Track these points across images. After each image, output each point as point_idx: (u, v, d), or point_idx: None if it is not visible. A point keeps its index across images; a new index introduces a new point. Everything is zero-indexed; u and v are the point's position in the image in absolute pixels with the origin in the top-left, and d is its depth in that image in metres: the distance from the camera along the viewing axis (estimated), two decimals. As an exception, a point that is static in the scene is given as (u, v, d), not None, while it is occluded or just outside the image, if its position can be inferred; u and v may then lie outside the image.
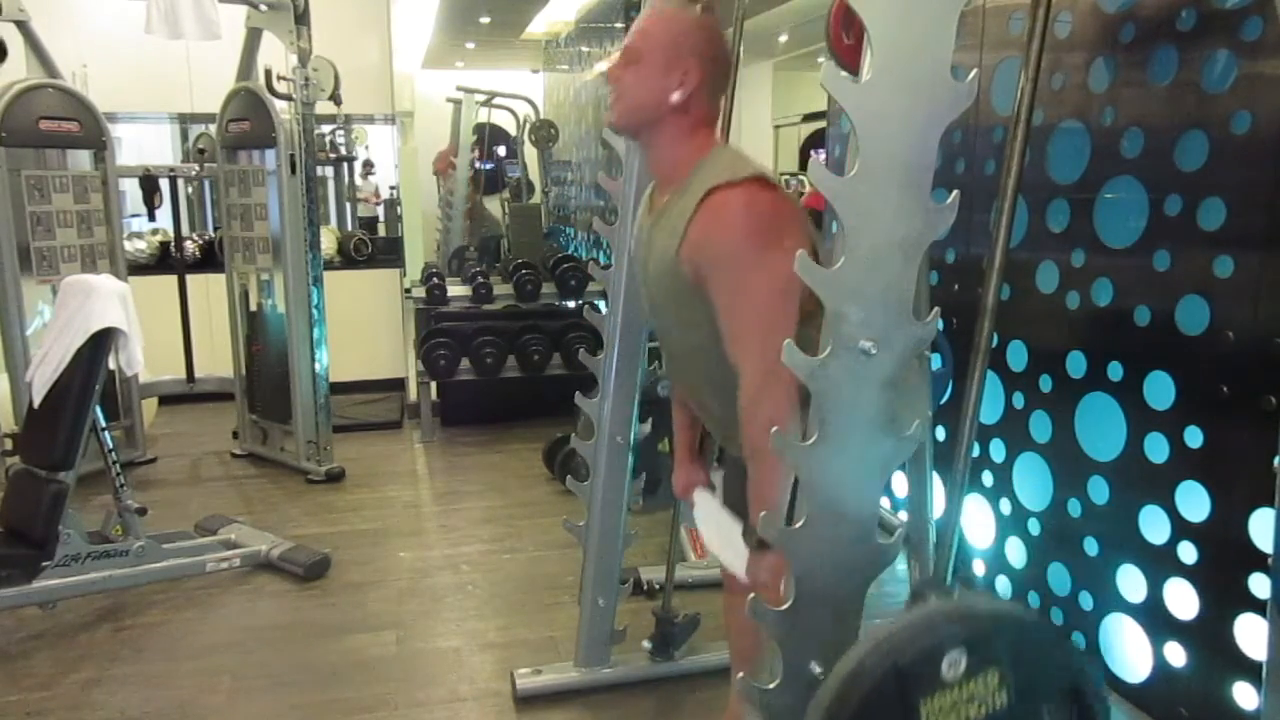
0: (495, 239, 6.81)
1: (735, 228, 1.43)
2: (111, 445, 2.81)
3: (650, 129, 1.57)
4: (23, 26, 3.84)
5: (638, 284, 1.78)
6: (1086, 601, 2.36)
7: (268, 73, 3.93)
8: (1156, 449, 2.11)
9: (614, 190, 2.19)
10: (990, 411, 2.68)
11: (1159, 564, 2.11)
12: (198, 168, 4.93)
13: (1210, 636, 1.99)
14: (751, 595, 1.27)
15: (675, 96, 1.52)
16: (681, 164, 1.55)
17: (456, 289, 4.87)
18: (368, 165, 6.96)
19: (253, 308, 4.45)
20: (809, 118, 8.41)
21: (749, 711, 1.30)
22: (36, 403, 2.67)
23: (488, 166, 6.97)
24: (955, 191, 1.13)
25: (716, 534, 1.75)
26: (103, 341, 2.65)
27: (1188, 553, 2.03)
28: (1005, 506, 2.67)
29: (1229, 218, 1.92)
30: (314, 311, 4.07)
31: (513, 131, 7.28)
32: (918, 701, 1.08)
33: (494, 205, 7.20)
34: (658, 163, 1.62)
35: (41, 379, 2.67)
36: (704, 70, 1.53)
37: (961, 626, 1.11)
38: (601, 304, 2.27)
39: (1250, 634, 1.89)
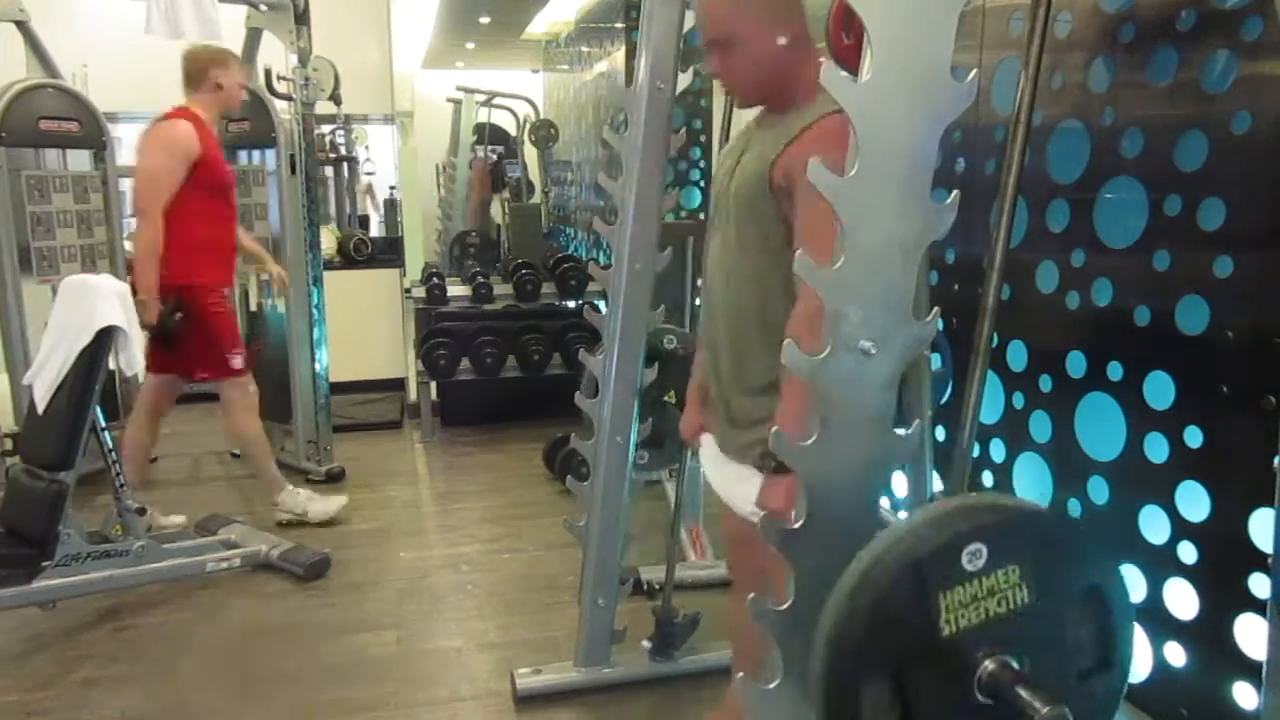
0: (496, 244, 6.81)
1: (836, 154, 1.45)
2: (111, 445, 2.80)
3: (776, 86, 1.62)
4: (23, 26, 3.84)
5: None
6: (1086, 601, 2.35)
7: (268, 73, 3.93)
8: (1156, 449, 2.10)
9: (614, 190, 2.19)
10: (990, 411, 2.68)
11: (1159, 564, 2.11)
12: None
13: (1210, 636, 1.99)
14: (751, 595, 1.27)
15: (781, 42, 1.58)
16: (804, 94, 1.59)
17: (456, 289, 4.87)
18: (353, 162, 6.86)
19: (253, 308, 4.45)
20: (809, 118, 8.38)
21: (749, 709, 1.29)
22: (41, 408, 2.67)
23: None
24: (955, 191, 1.13)
25: (723, 474, 1.76)
26: (103, 341, 2.65)
27: (1187, 553, 2.03)
28: (1005, 506, 2.67)
29: (1229, 218, 1.92)
30: (314, 311, 4.07)
31: (513, 131, 7.29)
32: (938, 594, 1.06)
33: (494, 205, 7.19)
34: (781, 102, 1.65)
35: (44, 383, 2.67)
36: (780, 6, 1.59)
37: (983, 520, 1.10)
38: (601, 304, 2.27)
39: (1250, 634, 1.89)
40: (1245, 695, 1.92)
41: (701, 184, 5.21)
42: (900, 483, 2.49)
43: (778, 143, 1.55)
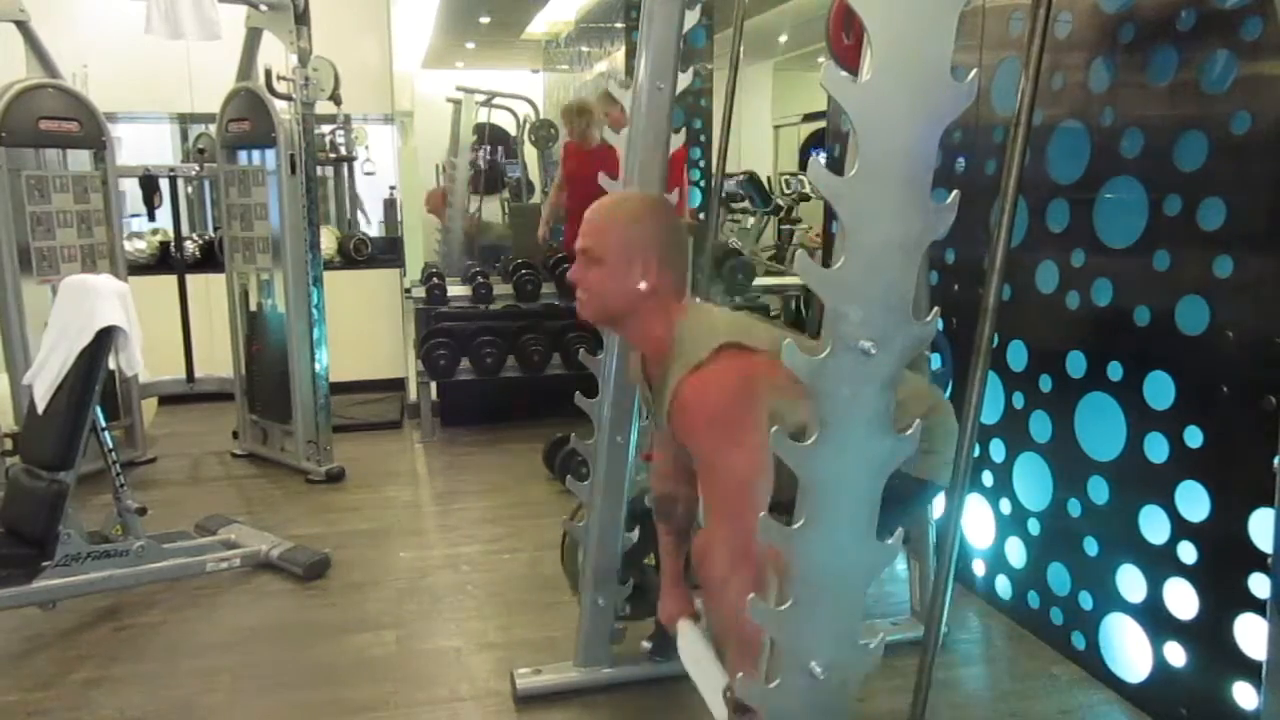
0: (499, 250, 6.79)
1: (702, 420, 1.54)
2: (111, 445, 2.80)
3: (624, 317, 1.70)
4: (23, 26, 3.84)
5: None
6: (1086, 601, 2.36)
7: (268, 73, 3.93)
8: (1156, 449, 2.11)
9: (613, 190, 2.19)
10: (990, 411, 2.68)
11: (1159, 564, 2.11)
12: (198, 168, 4.93)
13: (1210, 636, 1.99)
14: (751, 595, 1.27)
15: (642, 286, 1.64)
16: (662, 340, 1.66)
17: (456, 289, 4.87)
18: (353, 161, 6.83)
19: (253, 308, 4.45)
20: (809, 118, 8.40)
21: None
22: (41, 408, 2.67)
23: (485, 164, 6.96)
24: (955, 191, 1.13)
25: (699, 670, 1.79)
26: (103, 341, 2.65)
27: (1187, 552, 2.03)
28: (1005, 506, 2.67)
29: (1229, 218, 1.92)
30: (314, 311, 4.07)
31: (513, 131, 7.28)
32: None
33: (493, 206, 7.19)
34: (640, 343, 1.74)
35: (44, 383, 2.67)
36: (661, 252, 1.64)
37: None
38: (601, 304, 2.27)
39: (1250, 634, 1.89)
40: (1245, 695, 1.92)
41: (701, 184, 5.22)
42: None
43: (664, 407, 1.63)
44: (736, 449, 1.48)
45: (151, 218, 5.11)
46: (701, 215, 4.82)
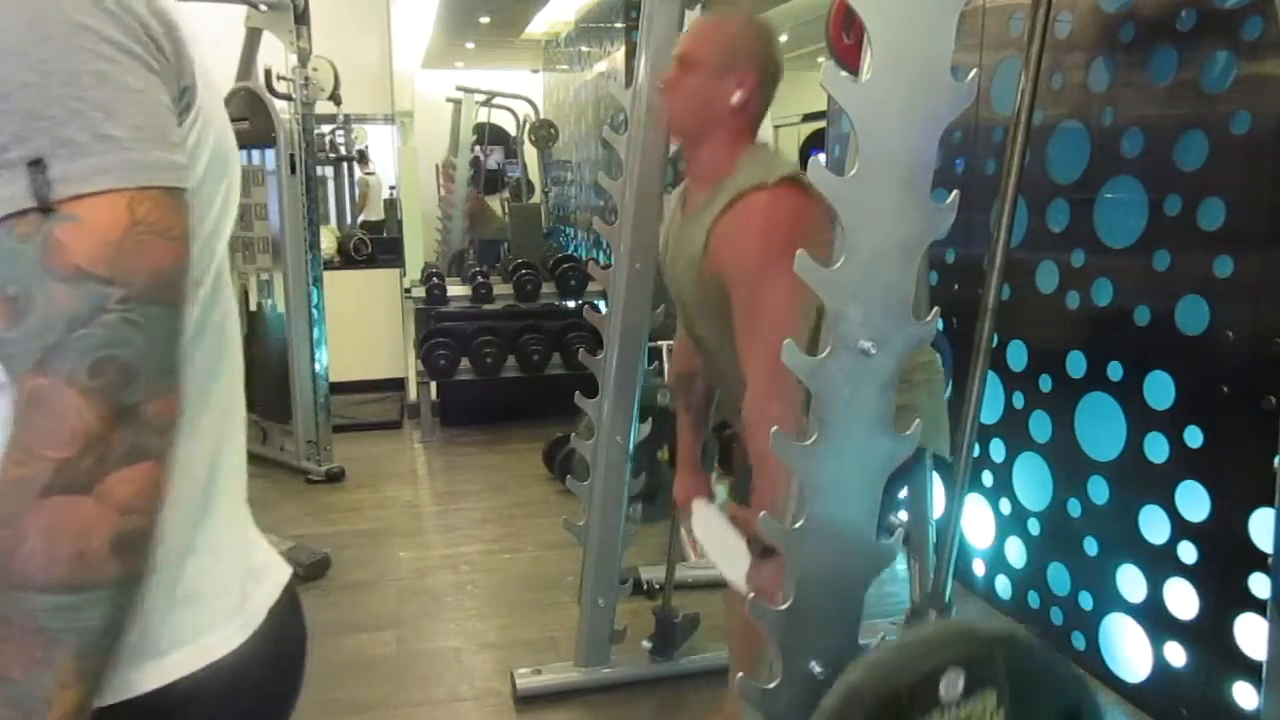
0: (498, 243, 6.79)
1: (756, 235, 1.45)
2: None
3: (705, 132, 1.60)
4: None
5: (664, 279, 1.80)
6: (1086, 601, 2.36)
7: (268, 73, 3.93)
8: (1156, 449, 2.11)
9: (614, 190, 2.19)
10: (990, 411, 2.68)
11: (1159, 564, 2.11)
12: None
13: (1210, 636, 1.99)
14: (752, 595, 1.27)
15: (735, 99, 1.56)
16: (724, 164, 1.58)
17: (456, 289, 4.87)
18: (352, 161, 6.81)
19: (253, 307, 4.45)
20: (809, 118, 8.39)
21: (747, 712, 1.29)
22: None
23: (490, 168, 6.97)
24: (955, 191, 1.13)
25: (715, 544, 1.76)
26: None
27: (1188, 552, 2.03)
28: (1005, 506, 2.67)
29: (1229, 218, 1.92)
30: (314, 311, 4.07)
31: (513, 131, 7.29)
32: None
33: (494, 205, 7.20)
34: (702, 164, 1.64)
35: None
36: (760, 72, 1.57)
37: (960, 647, 1.11)
38: (601, 304, 2.27)
39: (1250, 634, 1.89)
40: (1245, 695, 1.92)
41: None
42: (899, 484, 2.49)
43: (709, 220, 1.53)
44: (785, 271, 1.39)
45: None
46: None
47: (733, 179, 1.53)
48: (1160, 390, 2.10)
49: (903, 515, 2.58)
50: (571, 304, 5.04)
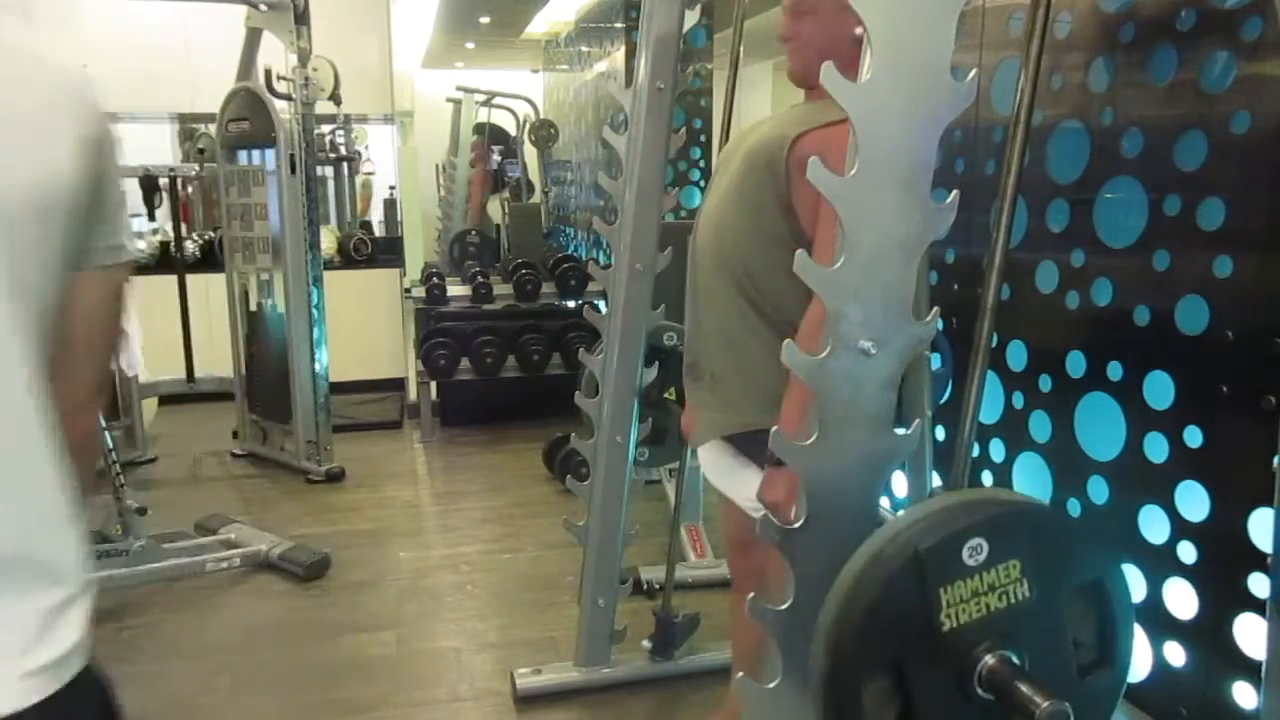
0: (495, 241, 6.80)
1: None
2: (111, 445, 2.81)
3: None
4: (23, 26, 3.83)
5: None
6: (1086, 601, 2.36)
7: (268, 73, 3.93)
8: (1156, 449, 2.10)
9: (614, 190, 2.19)
10: (990, 411, 2.68)
11: (1158, 564, 2.11)
12: (198, 167, 4.93)
13: (1210, 636, 1.99)
14: (751, 595, 1.27)
15: (859, 30, 1.55)
16: None
17: (456, 289, 4.87)
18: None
19: (253, 308, 4.45)
20: (809, 118, 8.39)
21: (747, 712, 1.30)
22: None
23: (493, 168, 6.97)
24: (955, 191, 1.13)
25: (721, 472, 1.75)
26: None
27: (1187, 552, 2.03)
28: (1005, 506, 2.67)
29: (1229, 218, 1.92)
30: (314, 311, 4.07)
31: (513, 131, 7.29)
32: (938, 589, 1.06)
33: (494, 205, 7.20)
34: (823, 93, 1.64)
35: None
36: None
37: (983, 514, 1.11)
38: (601, 304, 2.27)
39: (1250, 634, 1.89)
40: (1245, 695, 1.92)
41: (701, 184, 5.22)
42: (900, 482, 2.49)
43: (820, 116, 1.54)
44: None
45: (152, 218, 5.11)
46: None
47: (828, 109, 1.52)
48: (1160, 390, 2.10)
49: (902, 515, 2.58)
50: (571, 304, 5.04)
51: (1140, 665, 2.20)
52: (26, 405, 0.74)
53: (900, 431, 1.22)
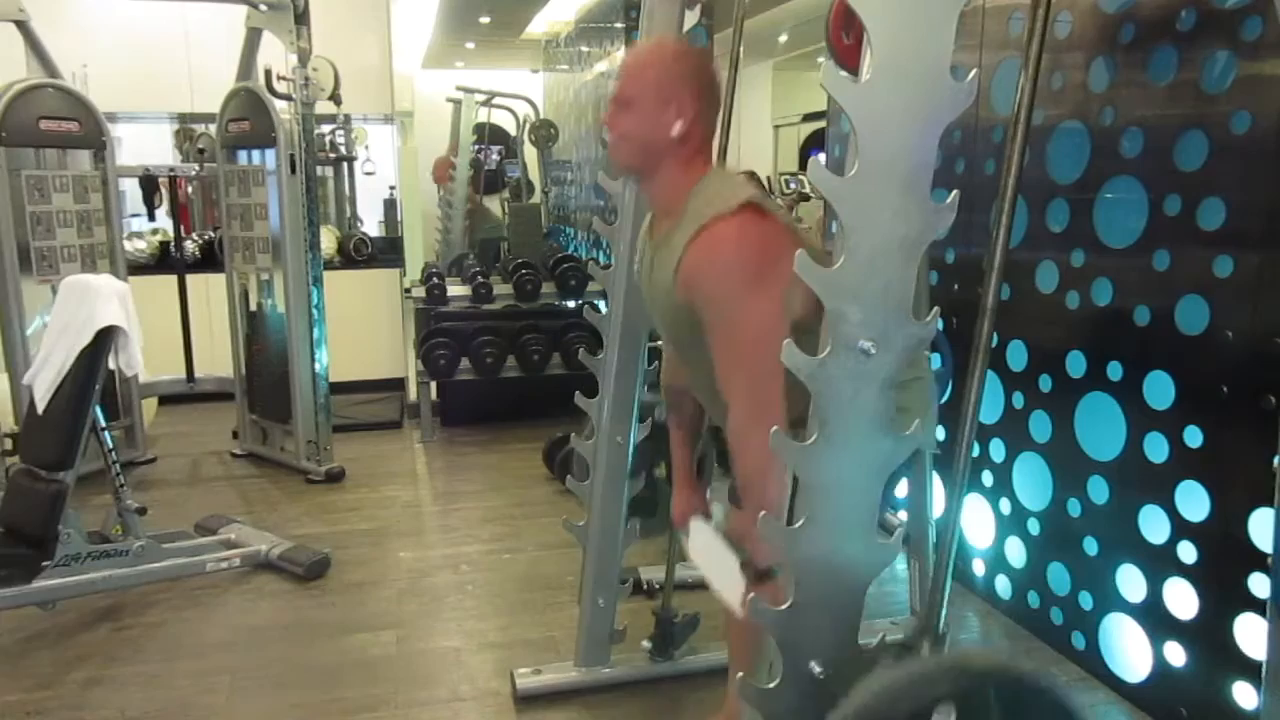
0: (496, 241, 6.79)
1: (724, 265, 1.47)
2: (111, 445, 2.80)
3: (653, 166, 1.61)
4: (23, 26, 3.84)
5: (643, 301, 1.83)
6: (1086, 601, 2.36)
7: (268, 73, 3.93)
8: (1156, 449, 2.11)
9: (614, 190, 2.19)
10: (990, 411, 2.68)
11: (1159, 564, 2.11)
12: (198, 167, 4.93)
13: (1210, 636, 1.99)
14: (752, 594, 1.27)
15: (675, 130, 1.56)
16: (679, 193, 1.58)
17: (456, 289, 4.87)
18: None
19: (253, 308, 4.45)
20: (809, 118, 8.39)
21: (747, 711, 1.29)
22: (41, 408, 2.67)
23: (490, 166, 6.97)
24: (955, 191, 1.13)
25: (712, 564, 1.76)
26: (103, 341, 2.65)
27: (1187, 552, 2.03)
28: (1005, 506, 2.67)
29: (1229, 218, 1.92)
30: (314, 311, 4.07)
31: (513, 131, 7.28)
32: None
33: (494, 205, 7.19)
34: (657, 195, 1.65)
35: (44, 383, 2.67)
36: (698, 98, 1.57)
37: (952, 682, 1.11)
38: (601, 304, 2.27)
39: (1250, 634, 1.89)
40: (1245, 695, 1.92)
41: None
42: (900, 482, 2.49)
43: (676, 253, 1.55)
44: (756, 297, 1.42)
45: (151, 218, 5.12)
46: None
47: (694, 208, 1.54)
48: (1160, 390, 2.10)
49: (902, 515, 2.58)
50: (571, 304, 5.04)
51: (1140, 665, 2.20)
52: None
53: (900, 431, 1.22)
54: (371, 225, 6.94)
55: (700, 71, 1.58)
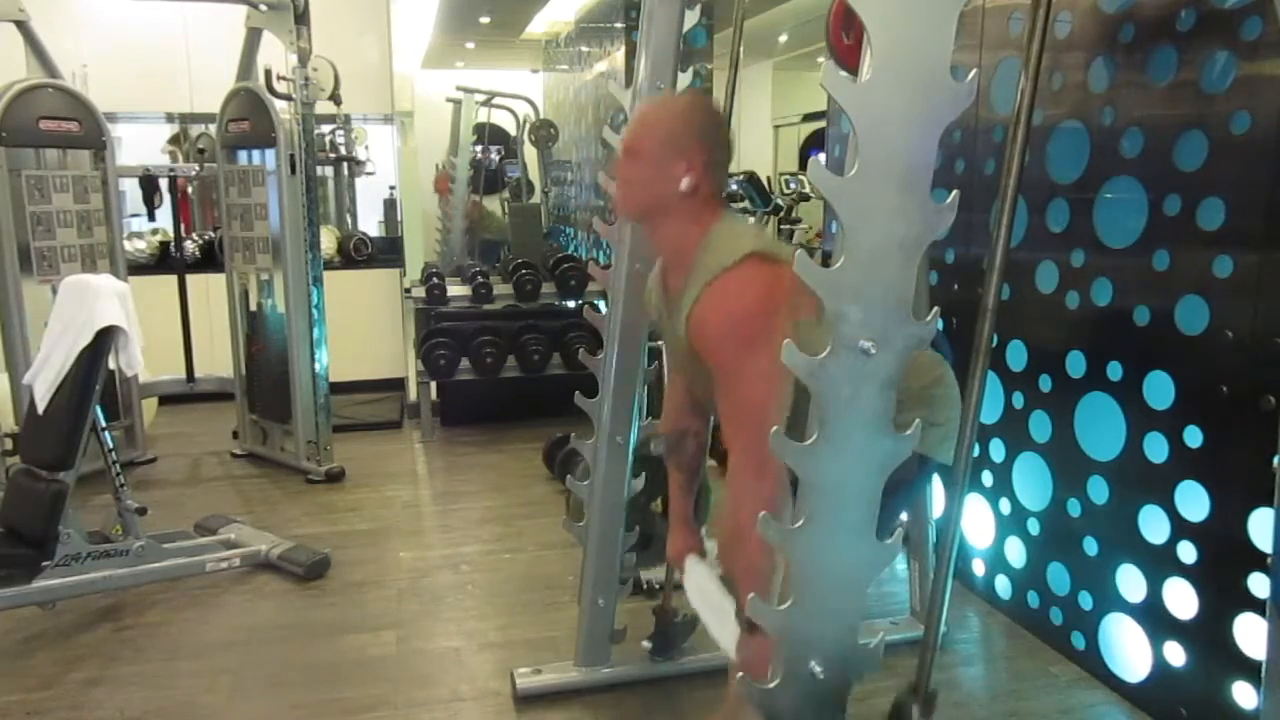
0: (497, 245, 6.79)
1: (726, 323, 1.50)
2: (111, 445, 2.80)
3: (659, 216, 1.62)
4: (23, 26, 3.84)
5: (643, 303, 1.88)
6: (1086, 601, 2.36)
7: (268, 73, 3.93)
8: (1156, 449, 2.11)
9: (614, 190, 2.19)
10: (990, 411, 2.68)
11: (1158, 564, 2.11)
12: (198, 167, 4.93)
13: (1210, 636, 2.00)
14: (739, 672, 1.28)
15: (684, 184, 1.57)
16: (689, 246, 1.60)
17: (456, 289, 4.87)
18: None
19: (253, 308, 4.45)
20: (809, 118, 8.41)
21: (747, 711, 1.30)
22: (41, 408, 2.67)
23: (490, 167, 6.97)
24: (955, 191, 1.13)
25: (707, 605, 1.77)
26: (103, 341, 2.65)
27: (1187, 552, 2.03)
28: (1005, 506, 2.67)
29: (1228, 218, 1.92)
30: (314, 311, 4.07)
31: (513, 131, 7.29)
32: None
33: (494, 206, 7.20)
34: (665, 246, 1.67)
35: (44, 383, 2.66)
36: (707, 152, 1.58)
37: None
38: (601, 304, 2.27)
39: (1249, 634, 1.89)
40: (1245, 695, 1.92)
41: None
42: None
43: (687, 307, 1.58)
44: (758, 356, 1.43)
45: (151, 218, 5.11)
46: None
47: (702, 261, 1.56)
48: (1160, 390, 2.10)
49: (903, 515, 2.58)
50: (571, 304, 5.04)
51: (1140, 665, 2.20)
52: None
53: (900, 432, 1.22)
54: (371, 225, 6.94)
55: (711, 126, 1.61)
